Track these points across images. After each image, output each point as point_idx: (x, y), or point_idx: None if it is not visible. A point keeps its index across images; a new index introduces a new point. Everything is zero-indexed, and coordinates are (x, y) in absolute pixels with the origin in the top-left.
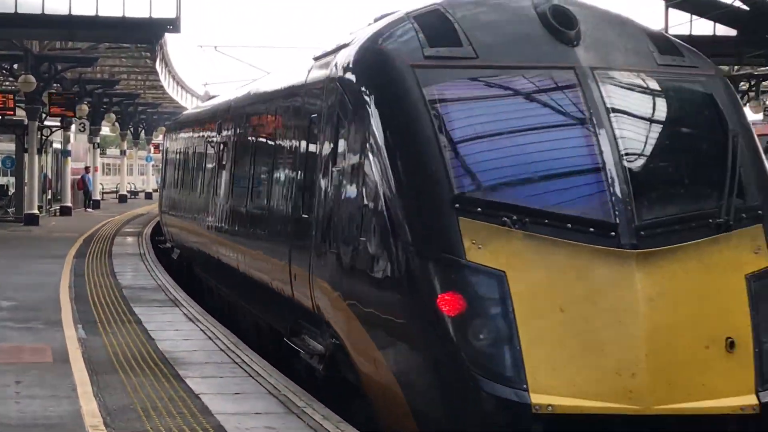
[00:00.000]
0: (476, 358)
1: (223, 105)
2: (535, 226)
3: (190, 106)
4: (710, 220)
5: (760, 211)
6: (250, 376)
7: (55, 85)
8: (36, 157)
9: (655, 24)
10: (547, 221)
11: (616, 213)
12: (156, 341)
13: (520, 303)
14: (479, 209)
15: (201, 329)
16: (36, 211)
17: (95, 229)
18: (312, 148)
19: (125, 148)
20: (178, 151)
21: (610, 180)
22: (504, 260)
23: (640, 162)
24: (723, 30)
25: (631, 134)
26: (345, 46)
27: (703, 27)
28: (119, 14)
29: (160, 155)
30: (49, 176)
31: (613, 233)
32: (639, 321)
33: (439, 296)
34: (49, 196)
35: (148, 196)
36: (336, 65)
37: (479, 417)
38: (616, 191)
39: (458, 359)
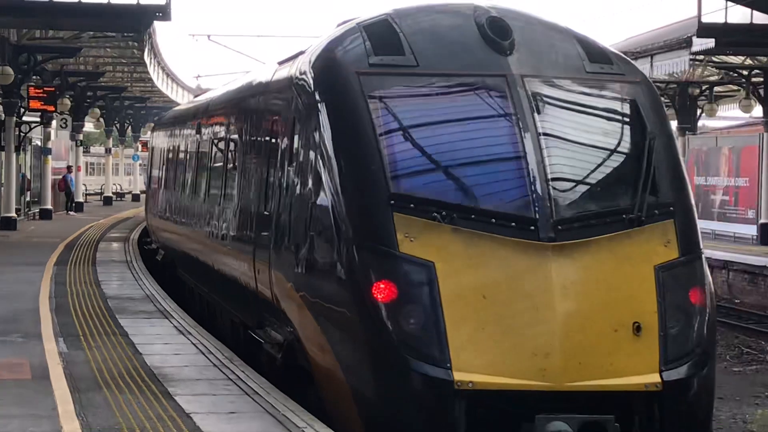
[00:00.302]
0: (406, 340)
1: (203, 104)
2: (462, 220)
3: (182, 100)
4: (624, 216)
5: (671, 208)
6: (246, 393)
7: (34, 77)
8: (13, 155)
9: (688, 11)
10: (473, 216)
11: (536, 209)
12: (143, 356)
13: (447, 290)
14: (412, 205)
15: (192, 343)
16: (13, 215)
17: (78, 233)
18: (273, 148)
19: (110, 145)
20: (161, 150)
21: (531, 179)
22: (433, 252)
23: (561, 163)
24: (761, 18)
25: (554, 137)
26: (302, 53)
27: (740, 14)
28: (104, 0)
29: (147, 154)
30: (28, 176)
31: (533, 227)
32: (553, 307)
33: (374, 284)
34: (28, 198)
35: (136, 198)
36: (293, 71)
37: (408, 394)
38: (537, 189)
39: (390, 342)
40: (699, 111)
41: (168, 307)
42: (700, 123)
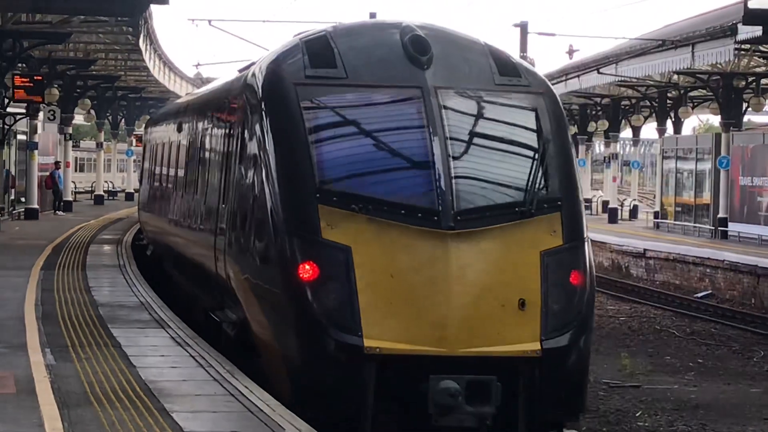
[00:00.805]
0: (326, 312)
1: (183, 104)
2: (376, 211)
3: (180, 90)
4: (516, 209)
5: (559, 203)
6: (249, 410)
7: (20, 65)
8: None
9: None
10: (385, 208)
11: (439, 202)
12: (138, 369)
13: (361, 271)
14: (334, 198)
15: (191, 355)
16: None
17: (67, 235)
18: (230, 146)
19: (102, 140)
20: (150, 147)
21: (437, 176)
22: (350, 238)
23: (464, 162)
24: None
25: (460, 140)
26: (254, 63)
27: None
28: None
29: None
30: (13, 173)
31: (436, 218)
32: (450, 286)
33: (299, 265)
34: (12, 197)
35: (129, 196)
36: (246, 78)
37: (327, 358)
38: (441, 185)
39: (313, 314)
40: (744, 105)
41: (164, 316)
42: (745, 118)
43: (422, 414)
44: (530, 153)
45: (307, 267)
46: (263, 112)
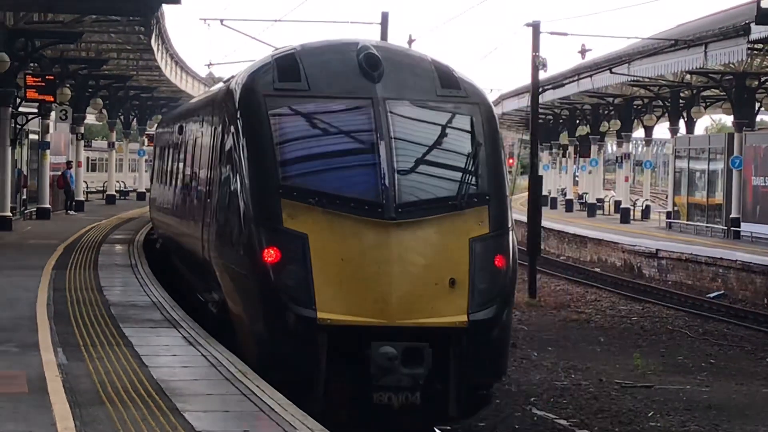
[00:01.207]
0: (285, 290)
1: (184, 109)
2: (329, 204)
3: (191, 89)
4: (449, 203)
5: (488, 197)
6: (261, 410)
7: (32, 64)
8: (9, 149)
9: None
10: (337, 201)
11: (383, 197)
12: (150, 368)
13: (315, 255)
14: (294, 194)
15: (203, 354)
16: (8, 214)
17: (78, 235)
18: (214, 148)
19: (114, 139)
20: (159, 147)
21: (382, 175)
22: (307, 227)
23: (406, 162)
24: None
25: (403, 144)
26: (235, 76)
27: None
28: None
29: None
30: (25, 172)
31: (380, 210)
32: (391, 267)
33: (264, 250)
34: (24, 196)
35: (141, 196)
36: (226, 89)
37: (286, 328)
38: (385, 182)
39: (275, 291)
40: (757, 105)
41: (176, 316)
42: (758, 118)
43: (366, 375)
44: (464, 155)
45: (271, 251)
46: (238, 120)
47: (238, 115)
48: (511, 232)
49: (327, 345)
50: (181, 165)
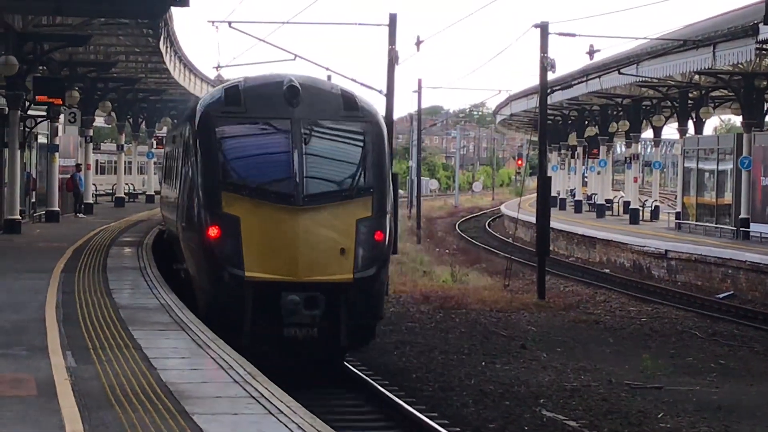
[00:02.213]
0: (223, 256)
1: (178, 119)
2: (256, 196)
3: (200, 92)
4: (342, 194)
5: (371, 190)
6: (270, 413)
7: (41, 67)
8: (18, 152)
9: None
10: (262, 193)
11: (294, 190)
12: (158, 371)
13: (245, 231)
14: (231, 188)
15: (211, 357)
16: (18, 217)
17: (87, 238)
18: (185, 153)
19: (123, 142)
20: (165, 150)
21: (294, 174)
22: (240, 212)
23: (312, 165)
24: None
25: (312, 152)
26: (200, 98)
27: None
28: None
29: (162, 150)
30: (34, 175)
31: (292, 199)
32: (298, 240)
33: (209, 228)
34: (33, 199)
35: (150, 199)
36: (192, 109)
37: (224, 284)
38: (296, 180)
39: (216, 257)
40: (766, 105)
41: (185, 318)
42: (767, 118)
43: (278, 316)
44: (356, 160)
45: (214, 229)
46: (196, 133)
47: (196, 129)
48: (388, 215)
49: (252, 295)
50: (171, 167)
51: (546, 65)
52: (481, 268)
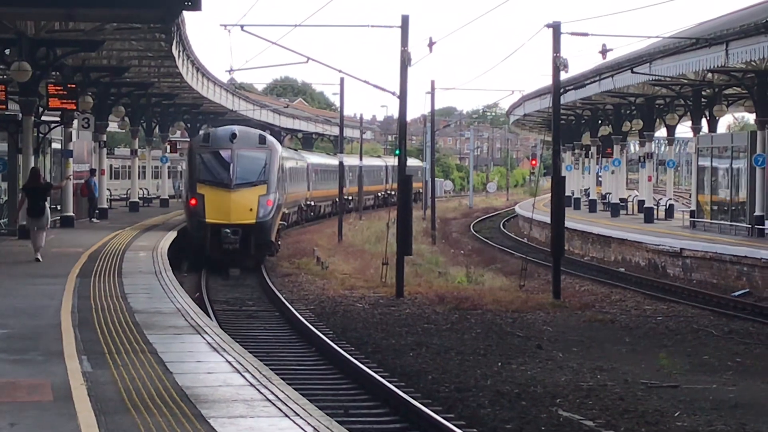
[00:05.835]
0: (198, 212)
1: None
2: (213, 184)
3: (213, 96)
4: (252, 183)
5: (266, 182)
6: (286, 416)
7: (54, 73)
8: (32, 158)
9: None
10: (215, 182)
11: (230, 180)
12: (174, 375)
13: (207, 200)
14: (202, 182)
15: (227, 360)
16: None
17: (102, 243)
18: (186, 166)
19: (136, 147)
20: (183, 164)
21: (232, 174)
22: (205, 191)
23: (240, 169)
24: None
25: (240, 164)
26: (193, 137)
27: None
28: None
29: (177, 155)
30: (49, 180)
31: (228, 185)
32: (231, 204)
33: (191, 199)
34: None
35: (164, 203)
36: (190, 142)
37: (198, 226)
38: (231, 177)
39: (196, 214)
40: None
41: (200, 322)
42: None
43: (220, 240)
44: (261, 169)
45: (193, 200)
46: (189, 156)
47: (188, 154)
48: (277, 192)
49: (209, 230)
50: (183, 173)
51: (559, 65)
52: (496, 269)
